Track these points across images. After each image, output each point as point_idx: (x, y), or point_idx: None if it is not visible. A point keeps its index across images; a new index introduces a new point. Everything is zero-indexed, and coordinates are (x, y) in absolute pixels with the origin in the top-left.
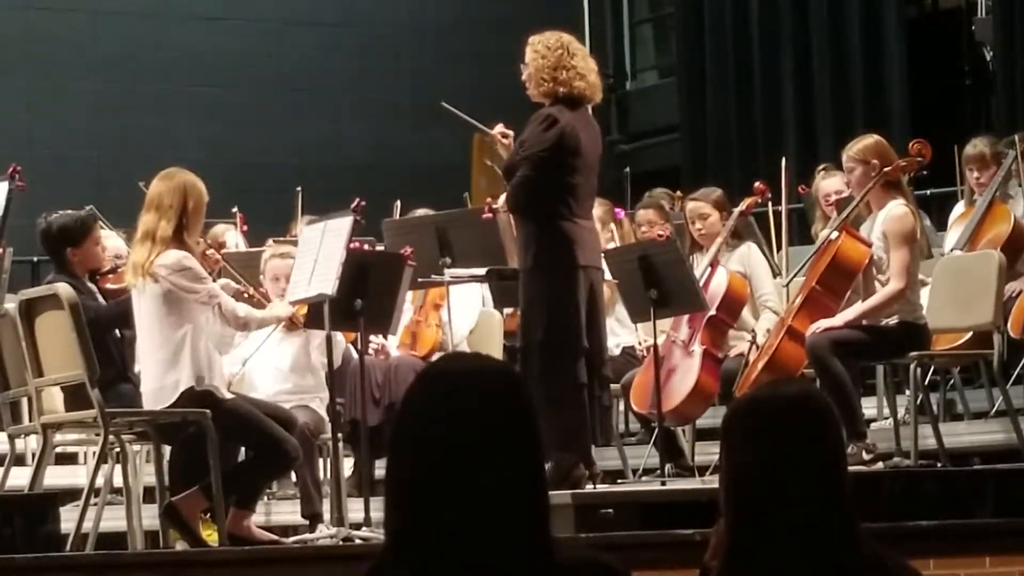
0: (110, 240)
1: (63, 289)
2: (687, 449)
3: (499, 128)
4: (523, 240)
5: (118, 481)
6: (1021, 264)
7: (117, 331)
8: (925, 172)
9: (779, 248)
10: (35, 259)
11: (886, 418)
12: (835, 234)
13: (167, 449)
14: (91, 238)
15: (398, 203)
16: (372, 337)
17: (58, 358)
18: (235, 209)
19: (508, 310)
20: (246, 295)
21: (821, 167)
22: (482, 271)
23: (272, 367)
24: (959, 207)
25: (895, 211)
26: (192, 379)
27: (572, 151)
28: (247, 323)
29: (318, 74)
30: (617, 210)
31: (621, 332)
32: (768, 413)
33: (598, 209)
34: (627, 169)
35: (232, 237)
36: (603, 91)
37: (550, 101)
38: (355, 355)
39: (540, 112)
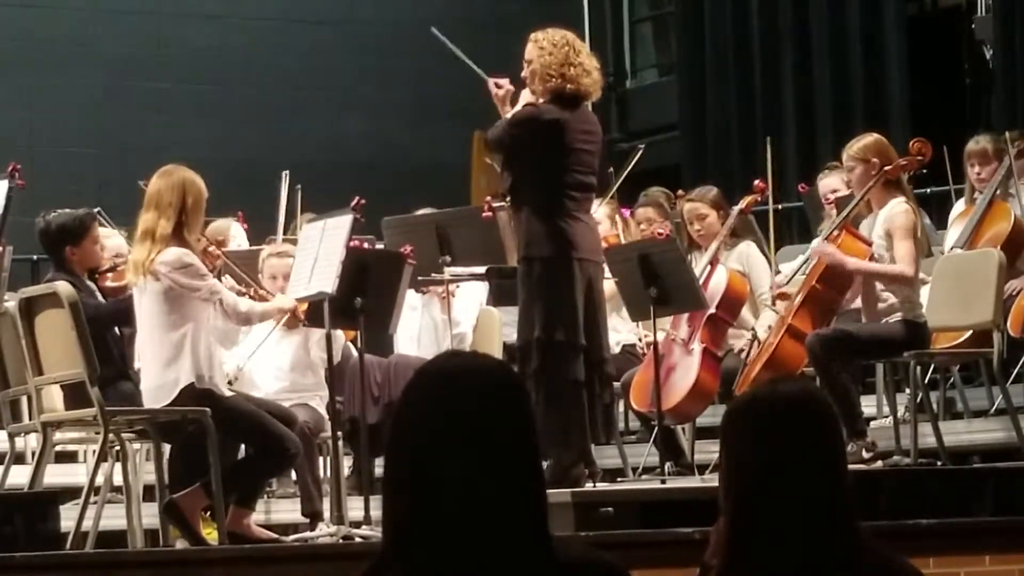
0: (111, 239)
1: (63, 287)
2: (687, 447)
3: (495, 80)
4: (519, 236)
5: (118, 479)
6: (1021, 262)
7: (117, 329)
8: (924, 170)
9: (779, 247)
10: (35, 257)
11: (886, 416)
12: (835, 233)
13: (167, 447)
14: (90, 237)
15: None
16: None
17: (58, 356)
18: (240, 213)
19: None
20: (248, 294)
21: (828, 166)
22: (482, 269)
23: (272, 365)
24: (959, 205)
25: (896, 208)
26: (192, 376)
27: (566, 148)
28: (249, 317)
29: (319, 72)
30: (623, 210)
31: (622, 330)
32: (768, 411)
33: (606, 206)
34: (611, 169)
35: (236, 230)
36: (602, 89)
37: (551, 98)
38: (354, 353)
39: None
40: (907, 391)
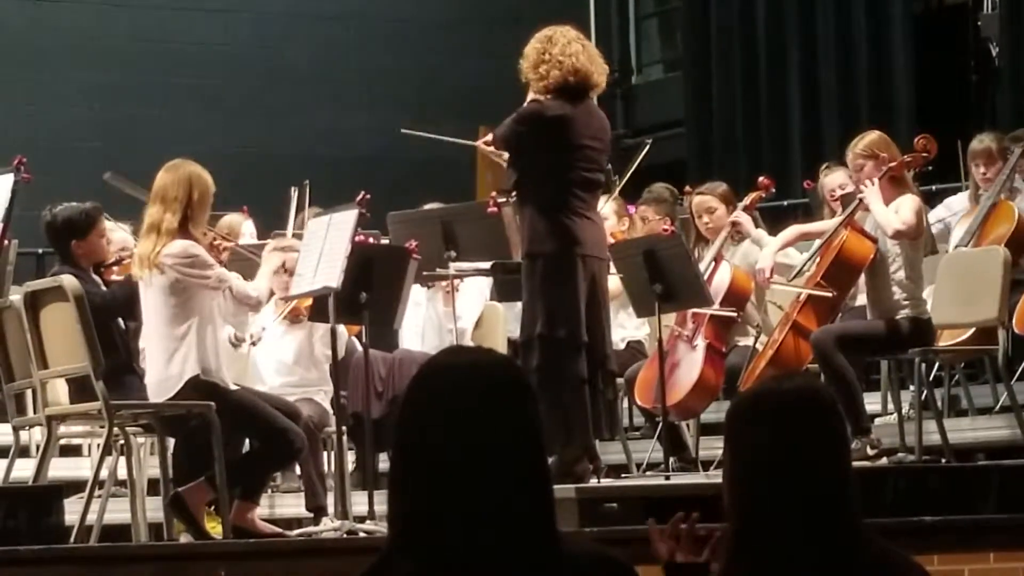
0: (116, 233)
1: (68, 281)
2: (691, 443)
3: (484, 138)
4: (524, 232)
5: (122, 473)
6: None
7: (122, 321)
8: (930, 167)
9: None
10: (40, 251)
11: (890, 413)
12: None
13: (171, 441)
14: (96, 230)
15: None
16: None
17: (63, 350)
18: (244, 208)
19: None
20: None
21: (824, 165)
22: (487, 265)
23: (276, 360)
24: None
25: (903, 199)
26: (197, 370)
27: (570, 144)
28: (259, 301)
29: (323, 66)
30: (629, 207)
31: (628, 326)
32: (772, 408)
33: (613, 203)
34: (609, 166)
35: (248, 227)
36: (608, 85)
37: (553, 95)
38: (359, 348)
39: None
40: (911, 388)
